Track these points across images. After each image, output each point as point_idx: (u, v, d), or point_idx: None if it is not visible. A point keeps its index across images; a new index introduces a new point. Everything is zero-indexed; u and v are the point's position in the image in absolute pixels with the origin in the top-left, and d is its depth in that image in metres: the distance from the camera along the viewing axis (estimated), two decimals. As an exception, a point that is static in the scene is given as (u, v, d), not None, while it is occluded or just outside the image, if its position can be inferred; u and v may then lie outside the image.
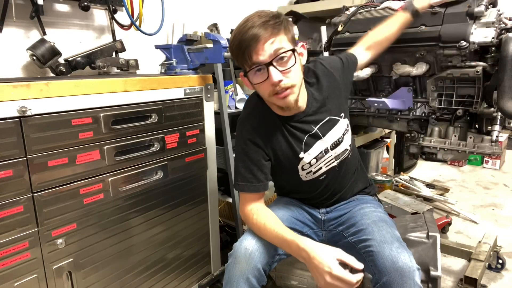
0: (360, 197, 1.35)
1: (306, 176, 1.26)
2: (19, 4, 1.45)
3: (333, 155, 1.24)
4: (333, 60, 1.30)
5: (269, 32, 1.01)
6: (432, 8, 1.36)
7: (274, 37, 1.02)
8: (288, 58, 1.04)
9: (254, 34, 1.00)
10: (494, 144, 1.39)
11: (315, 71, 1.24)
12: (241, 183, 1.20)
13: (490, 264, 1.91)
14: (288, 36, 1.06)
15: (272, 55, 1.02)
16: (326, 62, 1.27)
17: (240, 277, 1.07)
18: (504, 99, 1.25)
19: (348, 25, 1.61)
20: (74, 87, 1.12)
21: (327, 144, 1.22)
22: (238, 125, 1.23)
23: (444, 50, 1.37)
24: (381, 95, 1.68)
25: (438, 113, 1.53)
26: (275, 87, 1.04)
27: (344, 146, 1.26)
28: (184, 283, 1.60)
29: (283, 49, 1.03)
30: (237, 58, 1.07)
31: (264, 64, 1.02)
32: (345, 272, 0.98)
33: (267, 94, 1.09)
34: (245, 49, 1.01)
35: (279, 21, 1.04)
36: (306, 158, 1.21)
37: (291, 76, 1.05)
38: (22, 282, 1.06)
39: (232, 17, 2.41)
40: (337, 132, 1.24)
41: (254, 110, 1.22)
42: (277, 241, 1.10)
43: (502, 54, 1.26)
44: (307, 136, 1.20)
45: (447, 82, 1.44)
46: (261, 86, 1.07)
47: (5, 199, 1.00)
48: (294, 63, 1.05)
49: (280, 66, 1.03)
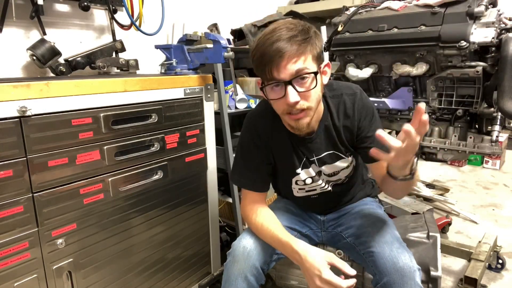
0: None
1: (298, 192, 1.25)
2: (19, 4, 1.45)
3: (326, 179, 1.22)
4: (370, 109, 1.14)
5: (295, 49, 0.94)
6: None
7: (299, 56, 0.95)
8: (309, 79, 0.98)
9: (279, 50, 0.93)
10: (494, 144, 1.39)
11: (354, 104, 1.11)
12: (239, 178, 1.20)
13: (490, 264, 1.91)
14: (314, 54, 0.98)
15: (293, 75, 0.95)
16: (367, 104, 1.14)
17: (239, 276, 1.07)
18: (504, 99, 1.25)
19: (348, 25, 1.61)
20: (74, 87, 1.12)
21: (323, 171, 1.20)
22: (246, 119, 1.20)
23: (444, 50, 1.37)
24: (381, 95, 1.68)
25: (438, 113, 1.53)
26: (290, 107, 0.98)
27: (340, 176, 1.22)
28: (184, 283, 1.60)
29: (305, 70, 0.96)
30: (257, 69, 1.00)
31: (283, 82, 0.96)
32: (334, 277, 0.98)
33: (280, 111, 1.03)
34: (266, 63, 0.95)
35: (307, 37, 0.96)
36: (302, 175, 1.19)
37: (309, 98, 0.99)
38: (22, 282, 1.06)
39: (232, 17, 2.42)
40: (336, 166, 1.19)
41: (266, 111, 1.16)
42: (273, 242, 1.10)
43: (502, 54, 1.26)
44: (305, 158, 1.17)
45: (447, 82, 1.44)
46: (276, 102, 1.01)
47: (5, 199, 1.00)
48: (314, 86, 0.98)
49: (299, 87, 0.96)
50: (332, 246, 1.27)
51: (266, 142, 1.16)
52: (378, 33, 1.51)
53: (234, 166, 1.22)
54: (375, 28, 1.53)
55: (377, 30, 1.52)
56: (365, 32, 1.55)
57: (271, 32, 0.96)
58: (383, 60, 1.54)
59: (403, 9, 1.50)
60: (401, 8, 1.51)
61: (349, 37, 1.59)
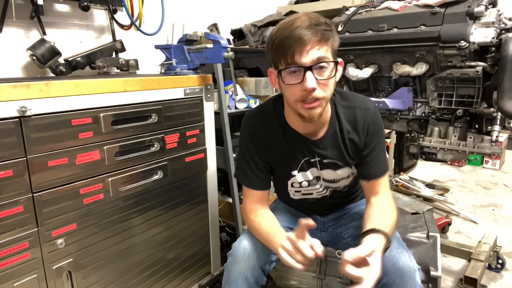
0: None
1: (294, 194, 1.25)
2: (19, 4, 1.45)
3: (325, 185, 1.21)
4: (380, 128, 1.14)
5: (319, 37, 0.94)
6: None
7: (322, 45, 0.95)
8: (328, 69, 0.97)
9: (304, 34, 0.92)
10: (494, 144, 1.39)
11: (365, 119, 1.10)
12: (242, 176, 1.20)
13: (490, 264, 1.91)
14: (333, 47, 0.99)
15: (314, 61, 0.94)
16: (377, 123, 1.13)
17: (239, 277, 1.07)
18: (504, 99, 1.25)
19: (348, 25, 1.61)
20: (74, 87, 1.12)
21: (323, 176, 1.19)
22: (243, 119, 1.20)
23: (444, 50, 1.37)
24: (381, 95, 1.68)
25: (438, 113, 1.53)
26: (306, 93, 0.96)
27: (339, 184, 1.22)
28: (184, 283, 1.60)
29: (327, 59, 0.96)
30: (276, 52, 0.97)
31: (303, 67, 0.95)
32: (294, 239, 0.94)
33: (293, 99, 1.00)
34: (288, 46, 0.93)
35: (329, 29, 0.96)
36: (298, 177, 1.18)
37: (325, 88, 0.98)
38: (22, 282, 1.06)
39: (232, 17, 2.42)
40: (337, 174, 1.18)
41: (262, 111, 1.17)
42: (265, 240, 1.09)
43: (502, 54, 1.26)
44: (304, 160, 1.15)
45: (447, 82, 1.44)
46: (291, 88, 0.98)
47: (5, 199, 1.00)
48: (333, 75, 0.98)
49: (317, 75, 0.95)
50: (332, 246, 1.27)
51: (262, 142, 1.16)
52: (378, 33, 1.51)
53: (237, 165, 1.23)
54: (375, 28, 1.53)
55: (377, 30, 1.52)
56: (365, 32, 1.55)
57: (292, 20, 0.96)
58: (383, 60, 1.54)
59: (403, 9, 1.50)
60: (401, 8, 1.51)
61: (349, 37, 1.59)
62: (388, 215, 1.06)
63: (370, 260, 0.86)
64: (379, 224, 0.98)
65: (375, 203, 1.11)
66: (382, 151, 1.15)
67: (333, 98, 1.11)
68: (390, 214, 1.07)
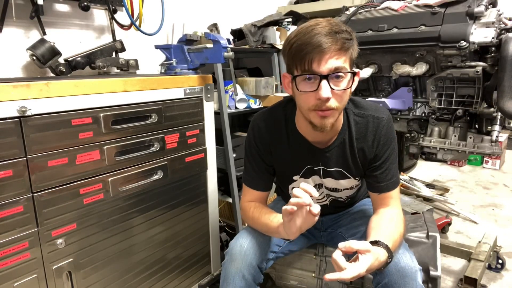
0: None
1: None
2: (19, 4, 1.45)
3: (327, 192, 1.20)
4: (392, 139, 1.11)
5: (339, 46, 0.91)
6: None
7: (341, 54, 0.92)
8: (345, 80, 0.94)
9: (324, 42, 0.89)
10: (494, 144, 1.39)
11: (377, 129, 1.08)
12: (244, 175, 1.21)
13: (490, 264, 1.91)
14: (352, 57, 0.96)
15: (331, 70, 0.91)
16: (390, 133, 1.10)
17: (236, 275, 1.07)
18: (504, 99, 1.25)
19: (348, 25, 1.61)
20: (74, 87, 1.12)
21: (325, 184, 1.18)
22: (251, 121, 1.19)
23: (444, 50, 1.37)
24: (381, 95, 1.68)
25: (438, 113, 1.53)
26: (319, 102, 0.94)
27: (341, 195, 1.21)
28: (184, 283, 1.60)
29: (344, 69, 0.93)
30: (292, 57, 0.95)
31: (319, 75, 0.92)
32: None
33: (307, 107, 0.97)
34: (306, 53, 0.91)
35: (350, 38, 0.93)
36: (300, 183, 1.17)
37: (339, 98, 0.95)
38: (22, 282, 1.06)
39: (232, 17, 2.42)
40: (341, 184, 1.16)
41: (269, 115, 1.16)
42: (265, 229, 1.09)
43: (502, 54, 1.26)
44: (307, 167, 1.14)
45: (447, 82, 1.44)
46: (305, 96, 0.96)
47: (5, 199, 1.00)
48: (349, 86, 0.96)
49: (333, 85, 0.93)
50: (332, 246, 1.27)
51: (266, 146, 1.16)
52: (378, 33, 1.51)
53: (244, 166, 1.23)
54: (375, 28, 1.53)
55: (377, 30, 1.52)
56: (365, 32, 1.55)
57: (315, 24, 0.92)
58: (383, 60, 1.54)
59: (403, 9, 1.50)
60: (401, 8, 1.51)
61: (349, 37, 1.59)
62: (396, 229, 1.02)
63: (360, 257, 0.86)
64: (384, 237, 0.96)
65: (384, 213, 1.09)
66: (394, 163, 1.11)
67: (346, 106, 1.07)
68: (397, 228, 1.03)
